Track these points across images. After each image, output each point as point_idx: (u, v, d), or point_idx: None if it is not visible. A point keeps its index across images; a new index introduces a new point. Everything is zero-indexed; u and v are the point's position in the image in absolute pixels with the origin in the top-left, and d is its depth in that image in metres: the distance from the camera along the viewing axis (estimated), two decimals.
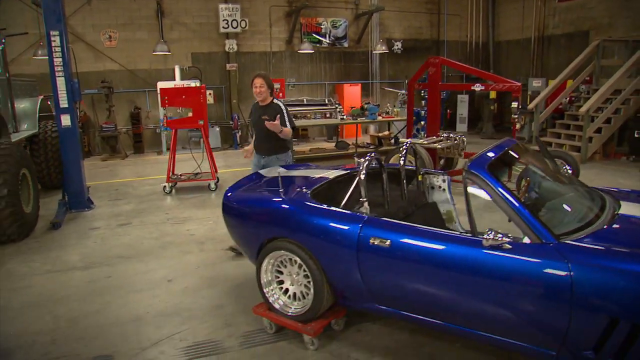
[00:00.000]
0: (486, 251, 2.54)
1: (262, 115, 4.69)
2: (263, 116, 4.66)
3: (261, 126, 4.66)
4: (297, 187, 3.63)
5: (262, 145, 4.84)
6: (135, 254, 5.06)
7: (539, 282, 2.42)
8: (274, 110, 4.70)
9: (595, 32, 12.19)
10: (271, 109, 4.71)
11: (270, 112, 4.66)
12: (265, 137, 4.75)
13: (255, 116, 4.84)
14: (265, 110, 4.72)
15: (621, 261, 2.36)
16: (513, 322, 2.53)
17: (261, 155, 4.86)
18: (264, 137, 4.76)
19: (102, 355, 3.19)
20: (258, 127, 4.79)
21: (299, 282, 3.24)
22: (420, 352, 3.14)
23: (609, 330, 2.27)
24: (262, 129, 4.66)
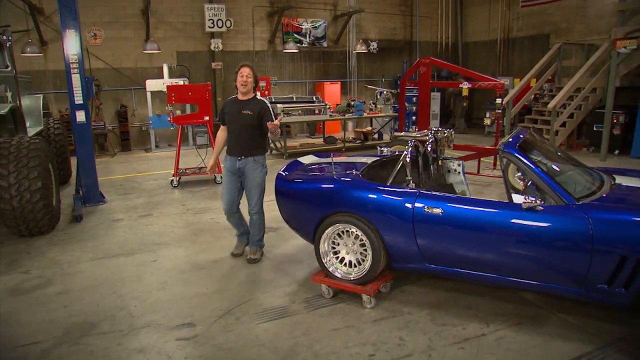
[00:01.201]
0: (523, 213, 3.15)
1: (241, 110, 4.32)
2: (243, 111, 4.31)
3: (241, 123, 4.31)
4: (346, 170, 4.14)
5: (239, 146, 4.38)
6: (170, 240, 5.39)
7: (566, 234, 3.07)
8: (258, 105, 4.34)
9: (554, 35, 13.30)
10: (254, 104, 4.34)
11: (253, 107, 4.32)
12: (244, 136, 4.35)
13: (232, 112, 4.37)
14: (246, 105, 4.34)
15: (627, 214, 3.05)
16: (546, 268, 3.16)
17: (236, 157, 4.40)
18: (243, 136, 4.36)
19: (184, 323, 3.57)
20: (236, 125, 4.35)
21: (355, 251, 3.75)
22: (458, 304, 3.73)
23: (620, 266, 2.93)
24: (243, 125, 4.31)
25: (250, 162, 4.40)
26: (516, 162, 3.37)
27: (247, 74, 4.30)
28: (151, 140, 11.86)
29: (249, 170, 4.41)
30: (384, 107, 11.86)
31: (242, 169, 4.41)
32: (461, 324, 3.47)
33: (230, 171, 4.48)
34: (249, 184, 4.45)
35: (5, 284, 4.31)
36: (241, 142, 4.38)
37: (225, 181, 4.54)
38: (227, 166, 4.49)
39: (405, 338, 3.30)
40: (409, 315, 3.59)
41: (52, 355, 3.18)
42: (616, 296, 3.03)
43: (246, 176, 4.44)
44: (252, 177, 4.42)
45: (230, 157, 4.46)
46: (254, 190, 4.45)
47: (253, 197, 4.49)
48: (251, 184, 4.44)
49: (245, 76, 4.30)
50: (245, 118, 4.31)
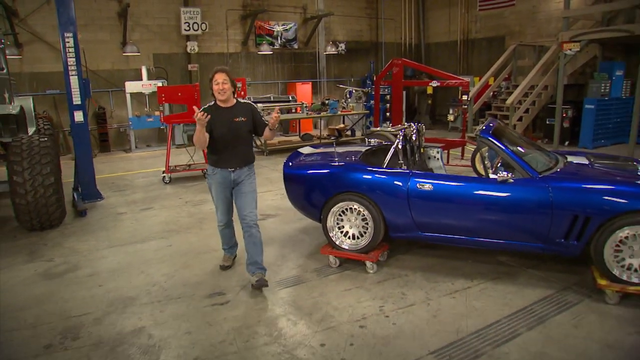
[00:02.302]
0: (498, 186, 3.88)
1: (234, 118, 3.97)
2: (236, 118, 3.98)
3: (237, 132, 3.99)
4: (345, 157, 4.77)
5: (235, 157, 4.04)
6: (178, 228, 5.85)
7: (532, 201, 3.82)
8: (247, 109, 4.07)
9: (509, 37, 14.43)
10: (242, 109, 4.04)
11: (243, 112, 4.03)
12: (241, 146, 4.07)
13: (222, 121, 3.94)
14: (235, 111, 4.00)
15: (577, 182, 3.85)
16: (517, 229, 3.91)
17: (230, 169, 4.04)
18: (241, 146, 4.06)
19: (214, 292, 4.10)
20: (230, 135, 3.97)
21: (357, 225, 4.39)
22: (446, 266, 4.44)
23: (573, 223, 3.70)
24: (239, 135, 4.01)
25: (245, 171, 4.12)
26: (491, 144, 4.10)
27: (222, 80, 3.89)
28: (131, 140, 12.08)
29: (244, 179, 4.11)
30: (356, 105, 12.58)
31: (237, 179, 4.09)
32: (450, 280, 4.17)
33: (221, 184, 4.11)
34: (244, 191, 4.10)
35: (35, 270, 4.68)
36: (237, 153, 4.04)
37: (218, 192, 4.14)
38: (218, 180, 4.09)
39: (406, 293, 3.97)
40: (406, 277, 4.26)
41: (104, 322, 3.64)
42: (571, 247, 3.82)
43: (241, 184, 4.11)
44: (247, 184, 4.12)
45: (222, 170, 4.05)
46: (249, 196, 4.11)
47: (250, 204, 4.10)
48: (247, 190, 4.11)
49: (221, 82, 3.89)
50: (240, 126, 3.99)
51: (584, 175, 4.15)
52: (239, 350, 3.23)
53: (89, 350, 3.26)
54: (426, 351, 3.18)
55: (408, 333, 3.40)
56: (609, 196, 3.70)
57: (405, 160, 4.72)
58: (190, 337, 3.40)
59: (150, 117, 11.90)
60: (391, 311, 3.69)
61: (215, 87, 3.94)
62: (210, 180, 4.22)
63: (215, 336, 3.40)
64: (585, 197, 3.74)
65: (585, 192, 3.77)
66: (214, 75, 3.96)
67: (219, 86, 3.92)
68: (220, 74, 3.94)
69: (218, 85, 3.92)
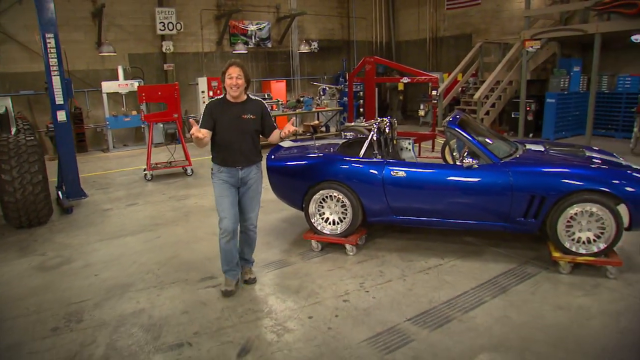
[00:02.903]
0: (464, 171, 4.30)
1: (241, 115, 3.75)
2: (244, 115, 3.75)
3: (244, 129, 3.77)
4: (325, 149, 5.11)
5: (242, 156, 3.82)
6: (165, 222, 6.09)
7: (494, 184, 4.25)
8: (257, 107, 3.85)
9: (476, 35, 15.05)
10: (252, 106, 3.83)
11: (254, 110, 3.81)
12: (248, 144, 3.83)
13: (229, 117, 3.74)
14: (244, 108, 3.79)
15: (534, 167, 4.30)
16: (482, 210, 4.34)
17: (237, 168, 3.82)
18: (247, 144, 3.82)
19: (206, 277, 4.39)
20: (236, 132, 3.76)
21: (337, 212, 4.75)
22: (419, 247, 4.85)
23: (530, 203, 4.16)
24: (246, 132, 3.79)
25: (254, 170, 3.92)
26: (457, 134, 4.52)
27: (237, 74, 3.66)
28: (108, 140, 12.13)
29: (253, 179, 3.92)
30: (330, 102, 12.95)
31: (245, 178, 3.87)
32: (423, 259, 4.58)
33: (229, 183, 3.85)
34: (251, 194, 3.94)
35: (30, 264, 4.86)
36: (244, 151, 3.81)
37: (225, 195, 3.83)
38: (225, 178, 3.84)
39: (384, 271, 4.35)
40: (383, 257, 4.65)
41: (105, 307, 3.89)
42: (529, 225, 4.27)
43: (249, 186, 3.92)
44: (255, 186, 3.95)
45: (229, 169, 3.82)
46: (255, 200, 4.00)
47: (254, 209, 4.02)
48: (254, 194, 3.96)
49: (235, 77, 3.66)
50: (247, 124, 3.78)
51: (539, 160, 4.62)
52: (235, 324, 3.54)
53: (93, 330, 3.52)
54: (403, 319, 3.57)
55: (386, 304, 3.78)
56: (560, 178, 4.17)
57: (379, 151, 5.10)
58: (188, 316, 3.69)
59: (127, 117, 12.00)
60: (371, 287, 4.07)
61: (228, 81, 3.69)
62: (215, 179, 3.89)
63: (211, 314, 3.71)
64: (540, 180, 4.20)
65: (540, 175, 4.24)
66: (228, 68, 3.70)
67: (233, 81, 3.67)
68: (235, 68, 3.68)
69: (232, 79, 3.67)
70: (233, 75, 3.68)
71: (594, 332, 3.36)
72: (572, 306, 3.70)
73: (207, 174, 8.76)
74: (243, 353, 3.18)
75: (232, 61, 3.76)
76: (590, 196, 4.09)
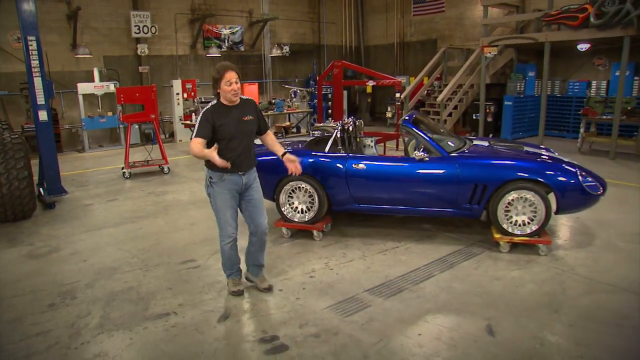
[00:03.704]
0: (416, 164, 4.90)
1: (242, 117, 3.66)
2: (245, 117, 3.67)
3: (245, 132, 3.68)
4: (293, 145, 5.63)
5: (246, 160, 3.75)
6: (146, 215, 6.48)
7: (443, 175, 4.86)
8: (251, 107, 3.78)
9: (440, 40, 15.86)
10: (248, 107, 3.74)
11: (249, 110, 3.73)
12: (249, 147, 3.78)
13: (231, 122, 3.60)
14: (242, 110, 3.68)
15: (476, 159, 4.93)
16: (433, 198, 4.94)
17: (241, 173, 3.73)
18: (248, 147, 3.77)
19: (187, 260, 4.84)
20: (240, 136, 3.64)
21: (305, 201, 5.27)
22: (379, 233, 5.42)
23: (474, 191, 4.78)
24: (247, 135, 3.70)
25: (253, 173, 3.86)
26: (410, 131, 5.11)
27: (235, 79, 3.53)
28: (84, 141, 12.32)
29: (254, 182, 3.87)
30: (300, 104, 13.50)
31: (248, 183, 3.80)
32: (382, 243, 5.15)
33: (231, 190, 3.74)
34: (256, 196, 3.89)
35: (19, 253, 5.20)
36: (247, 155, 3.74)
37: (226, 201, 3.74)
38: (228, 186, 3.72)
39: (346, 253, 4.90)
40: (346, 242, 5.21)
41: (96, 286, 4.30)
42: (474, 210, 4.90)
43: (253, 189, 3.87)
44: (258, 188, 3.92)
45: (231, 176, 3.69)
46: (262, 203, 3.95)
47: (262, 212, 3.94)
48: (258, 196, 3.91)
49: (234, 82, 3.52)
50: (248, 125, 3.70)
51: (482, 154, 5.26)
52: (215, 297, 4.02)
53: (87, 305, 3.93)
54: (362, 290, 4.12)
55: (348, 279, 4.32)
56: (499, 168, 4.81)
57: (343, 147, 5.65)
58: (172, 291, 4.15)
59: (103, 118, 12.23)
60: (334, 265, 4.61)
61: (227, 87, 3.51)
62: (215, 189, 3.71)
63: (193, 289, 4.17)
64: (482, 170, 4.83)
65: (482, 167, 4.87)
66: (225, 73, 3.49)
67: (233, 87, 3.51)
68: (232, 73, 3.52)
69: (231, 85, 3.51)
70: (232, 81, 3.51)
71: (521, 296, 3.98)
72: (507, 277, 4.32)
73: (183, 172, 9.18)
74: (222, 319, 3.67)
75: (226, 65, 3.57)
76: (525, 184, 4.74)
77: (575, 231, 5.53)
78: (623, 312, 3.68)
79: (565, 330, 3.45)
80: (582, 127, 10.67)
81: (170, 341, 3.37)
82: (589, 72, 12.73)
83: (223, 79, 3.52)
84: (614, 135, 9.81)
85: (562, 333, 3.42)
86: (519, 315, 3.67)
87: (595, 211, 5.90)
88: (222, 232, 3.85)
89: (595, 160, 9.46)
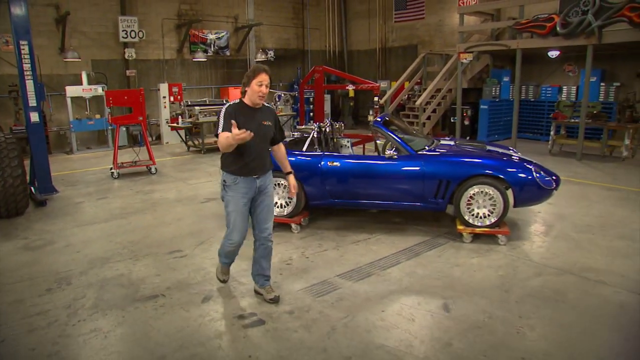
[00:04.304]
0: (386, 161, 5.35)
1: (262, 121, 3.67)
2: (265, 121, 3.68)
3: (263, 135, 3.67)
4: None
5: (260, 162, 3.72)
6: (134, 211, 6.83)
7: (411, 171, 5.32)
8: (271, 114, 3.80)
9: (421, 46, 16.42)
10: (268, 113, 3.76)
11: (269, 116, 3.74)
12: (265, 151, 3.79)
13: (252, 123, 3.54)
14: (263, 114, 3.70)
15: (440, 157, 5.39)
16: (401, 193, 5.39)
17: (256, 177, 3.71)
18: (264, 151, 3.78)
19: (174, 250, 5.22)
20: (257, 138, 3.56)
21: (283, 197, 5.69)
22: (353, 226, 5.86)
23: (439, 186, 5.24)
24: (264, 138, 3.71)
25: (269, 177, 3.86)
26: (380, 131, 5.57)
27: (267, 83, 3.55)
28: (72, 143, 12.57)
29: (268, 187, 3.87)
30: (284, 108, 13.94)
31: (262, 187, 3.79)
32: (355, 235, 5.59)
33: (246, 196, 3.72)
34: (267, 202, 3.87)
35: (15, 246, 5.52)
36: (262, 159, 3.74)
37: (240, 211, 3.73)
38: (241, 190, 3.69)
39: (322, 244, 5.33)
40: (322, 234, 5.63)
41: (89, 273, 4.65)
42: (439, 204, 5.36)
43: (265, 194, 3.84)
44: (270, 193, 3.90)
45: (246, 179, 3.68)
46: (272, 209, 3.96)
47: (271, 217, 3.95)
48: (270, 202, 3.90)
49: (265, 86, 3.54)
50: (266, 130, 3.71)
51: (447, 152, 5.73)
52: (200, 282, 4.41)
53: (82, 289, 4.29)
54: (334, 274, 4.54)
55: (322, 265, 4.74)
56: (461, 166, 5.28)
57: (320, 146, 6.08)
58: (160, 277, 4.52)
59: (91, 120, 12.51)
60: (310, 254, 5.03)
61: (257, 88, 3.53)
62: (229, 192, 3.72)
63: (179, 275, 4.56)
64: (445, 167, 5.30)
65: (446, 164, 5.34)
66: (259, 74, 3.52)
67: (263, 89, 3.54)
68: (266, 76, 3.54)
69: (262, 87, 3.53)
70: (264, 83, 3.53)
71: (478, 279, 4.44)
72: (466, 264, 4.78)
73: (169, 172, 9.53)
74: (206, 300, 4.06)
75: (262, 67, 3.58)
76: (485, 180, 5.21)
77: (535, 224, 6.02)
78: (562, 291, 4.15)
79: (511, 306, 3.91)
80: (553, 130, 11.26)
81: (159, 318, 3.75)
82: (560, 78, 13.37)
83: (256, 78, 3.53)
84: (581, 137, 10.40)
85: (508, 308, 3.88)
86: (473, 295, 4.12)
87: (556, 206, 6.45)
88: (228, 235, 3.85)
89: (563, 161, 10.04)
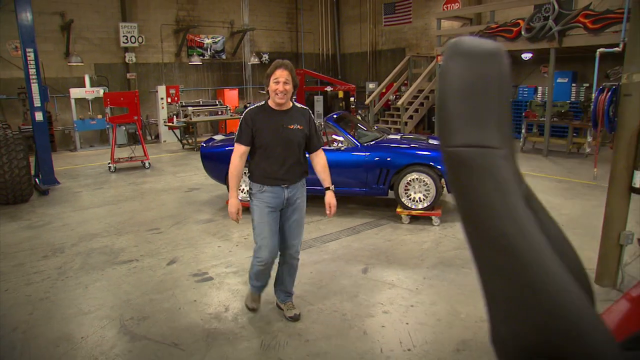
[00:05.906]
0: (336, 151, 6.21)
1: (287, 125, 3.28)
2: (291, 125, 3.29)
3: (288, 140, 3.29)
4: None
5: (286, 170, 3.34)
6: (125, 199, 7.76)
7: (357, 161, 6.17)
8: (303, 116, 3.38)
9: (408, 49, 17.22)
10: (298, 116, 3.36)
11: (299, 119, 3.34)
12: (293, 158, 3.36)
13: (272, 127, 3.26)
14: (290, 117, 3.32)
15: (382, 148, 6.22)
16: (350, 179, 6.25)
17: (282, 186, 3.37)
18: (292, 159, 3.35)
19: (153, 228, 6.12)
20: (280, 144, 3.28)
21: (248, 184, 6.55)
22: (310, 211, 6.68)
23: (380, 173, 6.09)
24: (290, 144, 3.30)
25: (300, 189, 3.48)
26: (330, 126, 6.42)
27: (284, 79, 3.16)
28: (76, 141, 13.58)
29: (300, 199, 3.50)
30: None
31: (292, 198, 3.44)
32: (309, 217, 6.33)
33: (271, 206, 3.39)
34: (297, 217, 3.53)
35: (19, 225, 6.46)
36: (290, 166, 3.35)
37: (266, 221, 3.39)
38: (268, 201, 3.37)
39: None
40: None
41: (79, 245, 5.57)
42: (381, 189, 6.21)
43: (295, 207, 3.50)
44: (302, 207, 3.55)
45: (272, 188, 3.35)
46: (301, 224, 3.60)
47: (300, 234, 3.61)
48: (299, 217, 3.55)
49: (282, 82, 3.16)
50: (293, 134, 3.30)
51: (389, 144, 6.55)
52: (169, 250, 5.31)
53: (72, 256, 5.21)
54: None
55: None
56: (399, 156, 6.12)
57: None
58: (137, 248, 5.43)
59: (93, 120, 13.50)
60: None
61: (274, 86, 3.17)
62: (254, 201, 3.42)
63: (153, 247, 5.46)
64: (385, 156, 6.14)
65: (385, 154, 6.17)
66: (275, 70, 3.18)
67: (280, 86, 3.15)
68: (283, 71, 3.16)
69: (278, 84, 3.16)
70: (280, 80, 3.15)
71: (404, 251, 5.27)
72: (398, 239, 5.62)
73: (163, 167, 10.47)
74: (171, 263, 4.95)
75: (280, 62, 3.21)
76: (419, 168, 6.04)
77: None
78: (468, 259, 4.98)
79: (421, 270, 4.74)
80: (524, 128, 12.03)
81: (130, 275, 4.65)
82: (537, 79, 14.10)
83: (272, 76, 3.20)
84: (546, 135, 11.17)
85: (418, 271, 4.71)
86: (393, 262, 4.96)
87: None
88: (256, 252, 3.46)
89: (530, 157, 10.81)
